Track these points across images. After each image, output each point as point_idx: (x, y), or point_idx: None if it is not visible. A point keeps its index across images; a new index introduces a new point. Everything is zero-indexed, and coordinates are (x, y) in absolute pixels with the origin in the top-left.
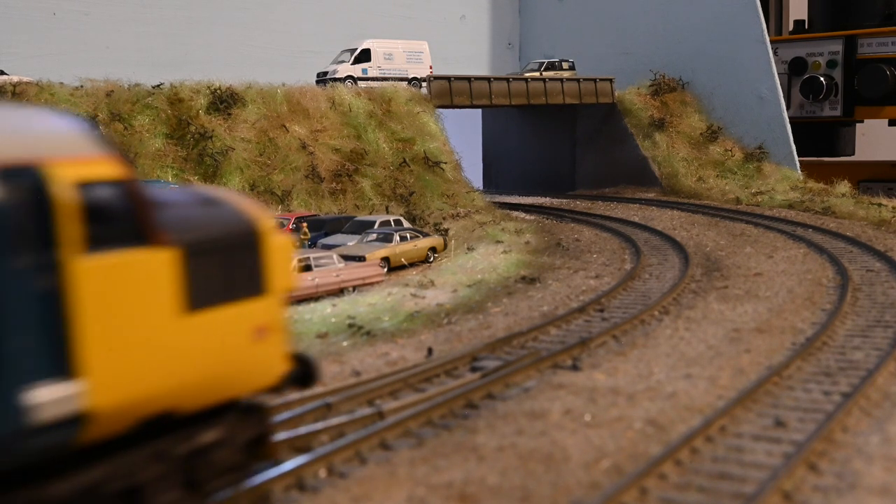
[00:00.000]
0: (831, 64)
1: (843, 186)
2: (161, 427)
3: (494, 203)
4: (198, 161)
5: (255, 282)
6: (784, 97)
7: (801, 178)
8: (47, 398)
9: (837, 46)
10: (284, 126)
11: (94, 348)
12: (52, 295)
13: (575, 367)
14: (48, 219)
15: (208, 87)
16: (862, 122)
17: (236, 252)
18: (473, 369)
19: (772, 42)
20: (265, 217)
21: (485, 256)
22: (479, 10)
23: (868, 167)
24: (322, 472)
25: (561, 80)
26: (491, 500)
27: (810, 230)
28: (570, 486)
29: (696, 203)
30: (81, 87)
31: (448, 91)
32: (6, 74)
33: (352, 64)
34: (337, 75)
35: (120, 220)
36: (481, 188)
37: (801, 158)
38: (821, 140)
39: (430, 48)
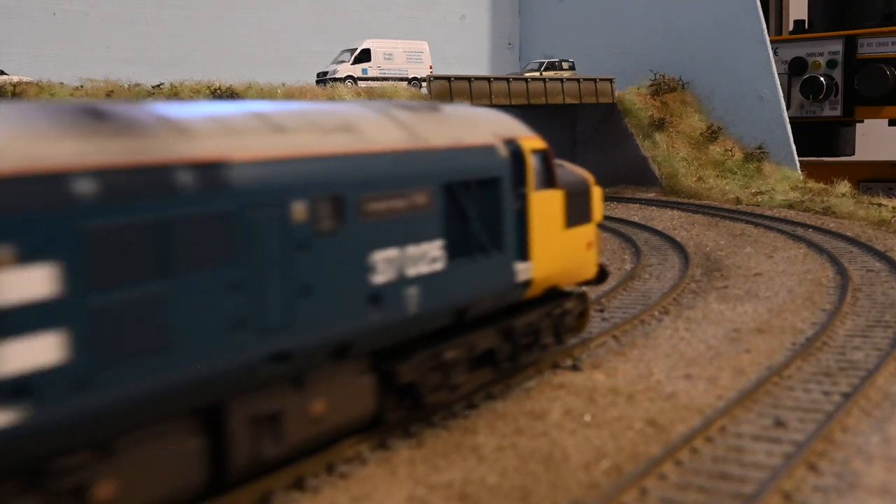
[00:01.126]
0: (831, 64)
1: (843, 186)
2: (549, 296)
3: None
4: None
5: (587, 214)
6: (784, 97)
7: (801, 178)
8: (520, 270)
9: (837, 46)
10: None
11: (535, 244)
12: (522, 212)
13: (575, 367)
14: (522, 169)
15: (208, 87)
16: (862, 122)
17: (581, 196)
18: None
19: (772, 42)
20: (591, 176)
21: None
22: (479, 10)
23: (868, 167)
24: (322, 472)
25: (561, 80)
26: (491, 500)
27: (810, 230)
28: (569, 486)
29: (696, 203)
30: (81, 87)
31: (448, 91)
32: (6, 74)
33: (352, 64)
34: (337, 75)
35: (544, 172)
36: None
37: (801, 158)
38: (821, 140)
39: (430, 48)
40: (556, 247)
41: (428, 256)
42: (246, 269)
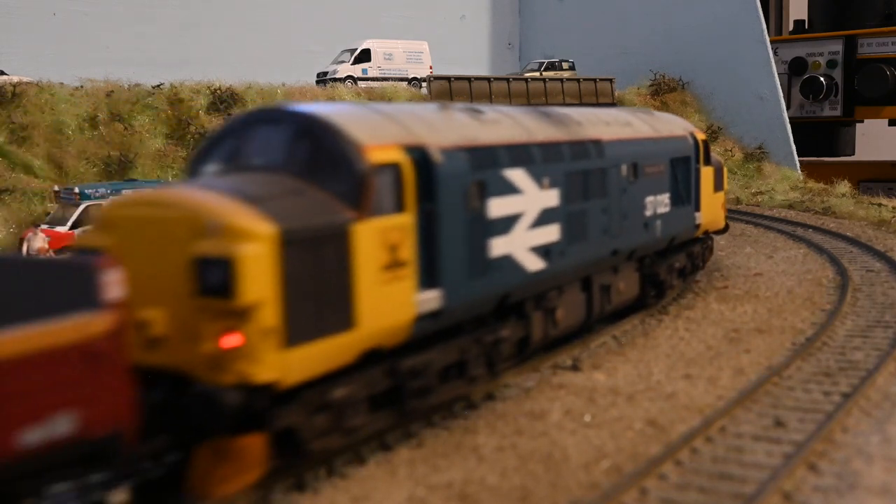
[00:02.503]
0: (831, 64)
1: (843, 186)
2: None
3: None
4: None
5: (722, 184)
6: (784, 97)
7: (801, 178)
8: (696, 216)
9: (837, 46)
10: None
11: (702, 201)
12: (697, 180)
13: (575, 368)
14: (697, 151)
15: (208, 87)
16: (862, 122)
17: (720, 171)
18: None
19: (772, 42)
20: (721, 159)
21: None
22: (479, 10)
23: (868, 167)
24: (322, 472)
25: (561, 80)
26: (491, 500)
27: (810, 230)
28: (569, 487)
29: None
30: (81, 87)
31: (448, 91)
32: (6, 74)
33: (352, 64)
34: (337, 75)
35: (706, 154)
36: None
37: (801, 158)
38: (821, 140)
39: (430, 48)
40: (709, 204)
41: (663, 203)
42: (608, 200)
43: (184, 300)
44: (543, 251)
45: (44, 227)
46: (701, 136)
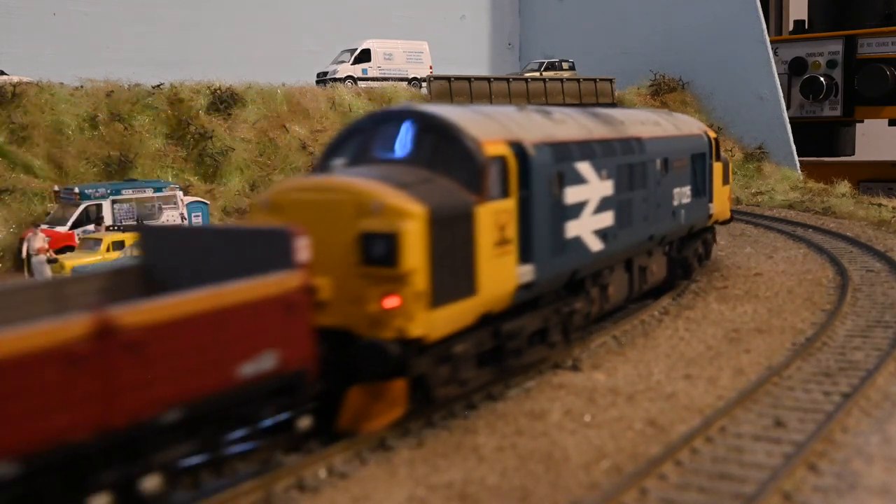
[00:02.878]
0: (831, 64)
1: (843, 186)
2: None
3: None
4: (198, 161)
5: (728, 178)
6: (784, 97)
7: (801, 178)
8: (709, 207)
9: (837, 46)
10: (284, 126)
11: (714, 193)
12: (710, 174)
13: (575, 368)
14: (710, 149)
15: (208, 88)
16: (862, 122)
17: (727, 166)
18: None
19: (772, 42)
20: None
21: None
22: (479, 10)
23: (868, 167)
24: (322, 472)
25: (561, 80)
26: (491, 500)
27: (810, 230)
28: (569, 487)
29: None
30: (81, 87)
31: (448, 91)
32: (6, 74)
33: (352, 64)
34: (337, 75)
35: (717, 151)
36: None
37: (801, 158)
38: (821, 140)
39: (430, 48)
40: (719, 196)
41: (686, 194)
42: (647, 191)
43: (349, 269)
44: (602, 234)
45: (44, 227)
46: (713, 135)
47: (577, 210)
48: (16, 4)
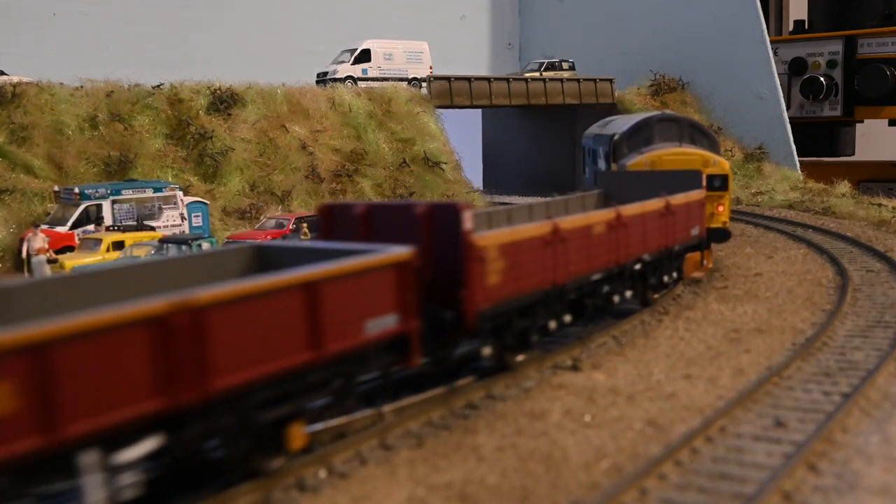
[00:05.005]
0: (831, 64)
1: (843, 186)
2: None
3: (494, 203)
4: (198, 161)
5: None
6: (784, 97)
7: (801, 178)
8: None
9: (837, 46)
10: (284, 126)
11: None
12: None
13: (575, 368)
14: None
15: (208, 88)
16: (862, 122)
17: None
18: None
19: (772, 42)
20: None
21: None
22: (479, 10)
23: (868, 167)
24: (322, 472)
25: (561, 80)
26: (491, 500)
27: (810, 230)
28: (569, 487)
29: None
30: (81, 87)
31: (448, 91)
32: (6, 74)
33: (352, 64)
34: (337, 75)
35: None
36: (481, 188)
37: (801, 158)
38: (821, 140)
39: (430, 48)
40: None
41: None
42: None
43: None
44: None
45: (44, 227)
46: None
47: None
48: (16, 4)
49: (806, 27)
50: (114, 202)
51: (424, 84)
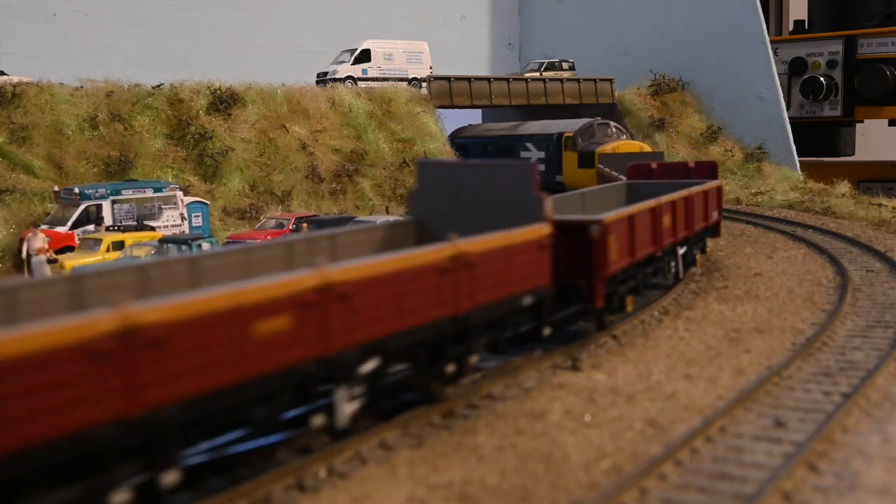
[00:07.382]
0: (831, 64)
1: (843, 186)
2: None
3: None
4: (198, 161)
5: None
6: (784, 97)
7: (801, 178)
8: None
9: (837, 46)
10: (284, 126)
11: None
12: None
13: (575, 368)
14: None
15: (208, 88)
16: (862, 122)
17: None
18: None
19: (772, 42)
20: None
21: None
22: (479, 10)
23: (868, 167)
24: (322, 472)
25: (561, 80)
26: (491, 500)
27: (810, 230)
28: (569, 487)
29: None
30: (81, 87)
31: (448, 91)
32: (6, 74)
33: (352, 64)
34: (337, 75)
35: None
36: None
37: (801, 158)
38: (821, 140)
39: (430, 48)
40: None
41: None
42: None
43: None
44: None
45: (44, 227)
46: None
47: None
48: (16, 4)
49: (806, 27)
50: (114, 202)
51: (424, 84)
